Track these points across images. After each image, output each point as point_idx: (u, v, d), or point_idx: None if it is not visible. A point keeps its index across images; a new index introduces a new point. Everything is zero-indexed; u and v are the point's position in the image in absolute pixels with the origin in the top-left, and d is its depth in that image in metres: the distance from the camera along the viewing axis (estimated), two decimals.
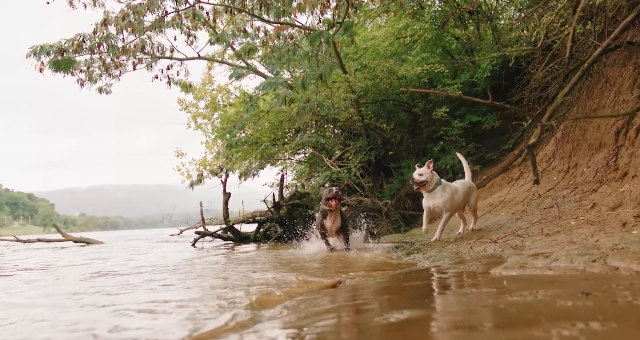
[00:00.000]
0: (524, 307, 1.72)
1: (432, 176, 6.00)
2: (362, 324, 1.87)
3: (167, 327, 2.11)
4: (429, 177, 5.96)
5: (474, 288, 2.36)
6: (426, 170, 5.98)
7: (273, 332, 1.95)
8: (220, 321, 2.13)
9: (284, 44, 10.24)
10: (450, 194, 5.98)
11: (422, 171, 5.99)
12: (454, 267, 3.50)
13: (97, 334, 2.04)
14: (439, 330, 1.59)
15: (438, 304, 2.17)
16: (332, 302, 2.56)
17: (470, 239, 5.49)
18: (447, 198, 5.95)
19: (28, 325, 2.36)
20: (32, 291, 3.83)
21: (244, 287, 3.20)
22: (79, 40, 8.77)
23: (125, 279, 4.26)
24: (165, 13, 9.28)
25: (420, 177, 5.95)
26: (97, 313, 2.58)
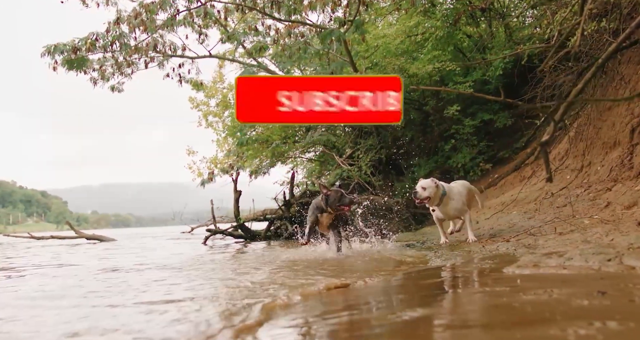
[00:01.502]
0: (539, 306, 1.71)
1: (437, 191, 5.57)
2: (375, 321, 1.87)
3: (203, 319, 2.12)
4: (433, 191, 5.53)
5: (487, 287, 2.35)
6: (430, 184, 5.55)
7: (285, 330, 1.95)
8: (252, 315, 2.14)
9: (294, 42, 10.25)
10: (459, 198, 5.68)
11: (426, 185, 5.55)
12: (467, 266, 3.48)
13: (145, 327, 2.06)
14: (452, 328, 1.58)
15: (451, 302, 2.16)
16: (344, 300, 2.56)
17: (482, 238, 5.46)
18: (458, 204, 5.64)
19: (93, 314, 2.39)
20: (72, 289, 3.86)
21: (257, 286, 3.21)
22: (92, 38, 8.85)
23: (147, 276, 4.30)
24: (177, 11, 9.33)
25: (423, 191, 5.51)
26: (139, 307, 2.60)
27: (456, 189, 5.85)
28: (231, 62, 14.80)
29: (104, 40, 8.97)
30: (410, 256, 4.73)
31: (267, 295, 2.76)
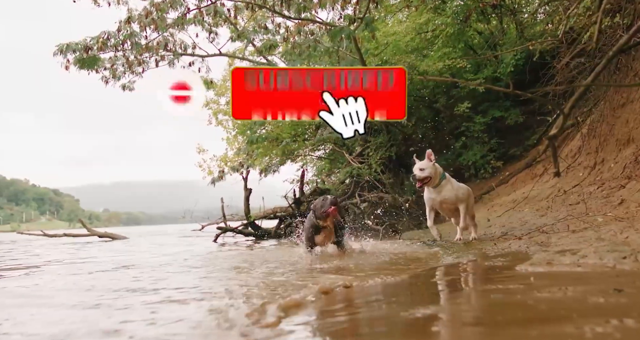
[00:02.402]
0: (554, 304, 1.70)
1: (436, 169, 5.18)
2: (387, 319, 1.87)
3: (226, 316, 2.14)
4: (432, 170, 5.13)
5: (500, 284, 2.33)
6: (427, 163, 5.16)
7: (303, 326, 1.96)
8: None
9: (304, 40, 10.23)
10: (457, 184, 5.30)
11: (424, 165, 5.16)
12: (479, 264, 3.47)
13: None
14: (465, 326, 1.57)
15: (464, 299, 2.15)
16: (356, 298, 2.56)
17: (494, 236, 5.43)
18: (458, 187, 5.23)
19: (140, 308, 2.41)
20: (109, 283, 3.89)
21: (272, 285, 3.22)
22: (104, 38, 8.92)
23: (165, 273, 4.34)
24: (188, 10, 9.35)
25: (422, 172, 5.11)
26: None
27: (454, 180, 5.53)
28: (241, 60, 14.82)
29: (115, 39, 9.03)
30: (421, 254, 4.71)
31: (283, 293, 2.76)
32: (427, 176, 5.11)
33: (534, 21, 11.62)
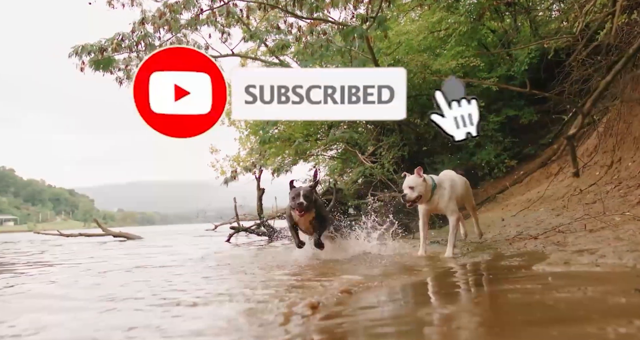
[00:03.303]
0: (574, 304, 1.68)
1: (426, 185, 4.82)
2: (404, 318, 1.86)
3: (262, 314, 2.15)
4: (422, 188, 4.76)
5: (518, 284, 2.31)
6: (417, 179, 4.77)
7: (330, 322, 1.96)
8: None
9: (317, 39, 10.23)
10: (449, 190, 4.91)
11: (413, 182, 4.75)
12: (495, 263, 3.44)
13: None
14: (484, 326, 1.56)
15: (481, 299, 2.13)
16: (379, 298, 2.55)
17: (509, 235, 5.38)
18: (448, 196, 4.86)
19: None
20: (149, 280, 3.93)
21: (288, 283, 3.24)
22: (118, 39, 8.99)
23: (185, 273, 4.38)
24: (201, 11, 9.39)
25: (412, 191, 4.72)
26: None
27: (448, 176, 5.19)
28: (253, 60, 14.86)
29: (130, 40, 9.10)
30: (435, 254, 4.68)
31: (304, 292, 2.76)
32: (418, 196, 4.75)
33: (549, 19, 11.50)
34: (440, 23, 11.71)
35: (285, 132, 13.25)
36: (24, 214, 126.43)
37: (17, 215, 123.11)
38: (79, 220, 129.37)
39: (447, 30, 11.58)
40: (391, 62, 11.89)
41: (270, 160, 13.25)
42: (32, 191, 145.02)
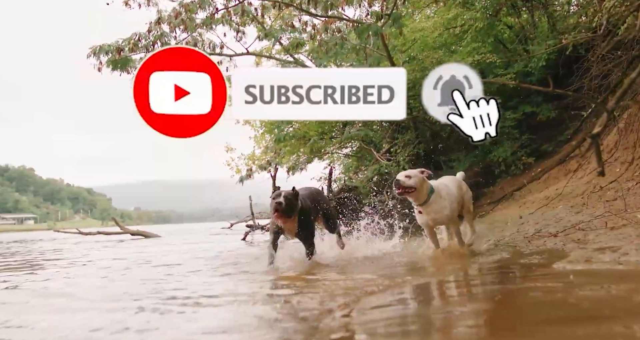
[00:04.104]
0: (598, 302, 1.65)
1: (424, 183, 4.55)
2: (426, 317, 1.85)
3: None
4: (419, 182, 4.49)
5: (539, 282, 2.29)
6: (417, 173, 4.56)
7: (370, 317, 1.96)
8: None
9: (331, 37, 10.22)
10: (449, 200, 4.68)
11: (412, 173, 4.55)
12: (514, 261, 3.40)
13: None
14: (506, 324, 1.54)
15: (502, 297, 2.11)
16: (394, 296, 2.54)
17: (527, 233, 5.31)
18: (448, 206, 4.61)
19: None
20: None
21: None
22: (135, 39, 9.09)
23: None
24: (216, 10, 9.45)
25: (407, 179, 4.46)
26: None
27: (445, 183, 4.98)
28: (268, 59, 14.90)
29: (146, 40, 9.19)
30: (454, 253, 4.63)
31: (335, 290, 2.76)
32: (412, 186, 4.47)
33: (567, 14, 11.33)
34: (456, 19, 11.61)
35: (300, 131, 13.27)
36: (43, 213, 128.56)
37: (37, 214, 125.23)
38: (96, 218, 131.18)
39: (463, 26, 11.47)
40: (406, 59, 11.83)
41: (286, 158, 13.29)
42: (51, 190, 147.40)
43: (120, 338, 1.93)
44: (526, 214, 7.10)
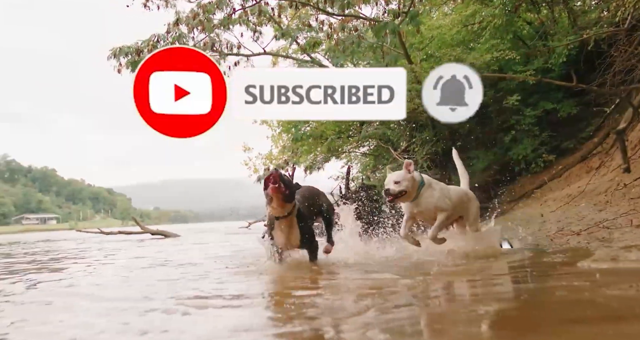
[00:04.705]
0: (627, 301, 1.62)
1: (414, 181, 4.39)
2: (450, 316, 1.84)
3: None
4: (410, 183, 4.34)
5: (564, 281, 2.25)
6: (404, 174, 4.35)
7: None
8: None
9: (348, 36, 10.21)
10: (440, 191, 4.52)
11: (399, 177, 4.35)
12: (538, 260, 3.35)
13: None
14: (534, 324, 1.52)
15: (528, 296, 2.08)
16: (416, 295, 2.53)
17: (549, 231, 5.24)
18: (438, 196, 4.47)
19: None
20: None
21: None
22: (154, 40, 9.20)
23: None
24: (233, 10, 9.52)
25: (397, 186, 4.30)
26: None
27: (442, 184, 4.77)
28: (285, 58, 14.95)
29: (165, 41, 9.30)
30: (476, 250, 4.58)
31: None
32: (403, 190, 4.32)
33: (588, 8, 11.13)
34: (474, 16, 11.50)
35: (317, 130, 13.28)
36: (65, 213, 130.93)
37: (59, 214, 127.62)
38: (117, 218, 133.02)
39: (481, 23, 11.36)
40: (423, 57, 11.76)
41: (303, 157, 13.32)
42: (73, 190, 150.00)
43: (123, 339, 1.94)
44: (547, 212, 7.00)
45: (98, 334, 2.02)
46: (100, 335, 2.00)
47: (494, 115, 11.93)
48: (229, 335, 1.83)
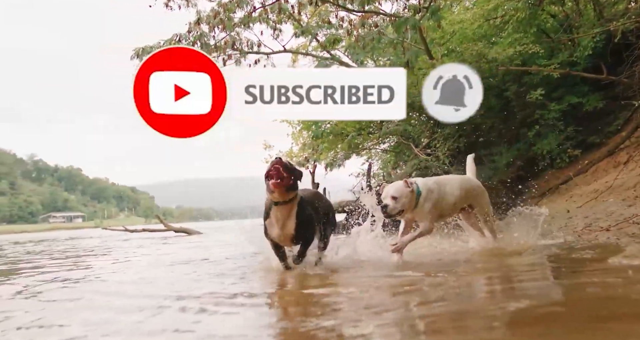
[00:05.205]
0: None
1: (412, 196, 4.12)
2: (479, 313, 1.82)
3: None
4: (408, 200, 4.07)
5: (595, 277, 2.21)
6: (403, 189, 4.08)
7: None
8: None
9: (368, 32, 10.17)
10: (433, 201, 4.24)
11: (398, 191, 4.07)
12: (566, 256, 3.29)
13: None
14: (567, 320, 1.49)
15: (558, 293, 2.05)
16: (445, 292, 2.51)
17: (576, 227, 5.14)
18: (429, 206, 4.20)
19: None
20: None
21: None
22: (176, 40, 9.30)
23: None
24: (253, 9, 9.57)
25: (395, 203, 4.02)
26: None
27: (441, 182, 4.53)
28: (304, 56, 14.95)
29: (186, 40, 9.40)
30: (503, 246, 4.51)
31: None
32: (401, 210, 4.06)
33: (615, 0, 10.87)
34: (496, 10, 11.33)
35: (338, 127, 13.26)
36: (90, 211, 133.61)
37: (84, 212, 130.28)
38: (140, 216, 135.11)
39: (504, 17, 11.19)
40: (444, 52, 11.64)
41: (323, 155, 13.32)
42: (98, 189, 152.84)
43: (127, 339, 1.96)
44: (574, 208, 6.88)
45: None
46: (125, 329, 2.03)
47: (517, 110, 11.74)
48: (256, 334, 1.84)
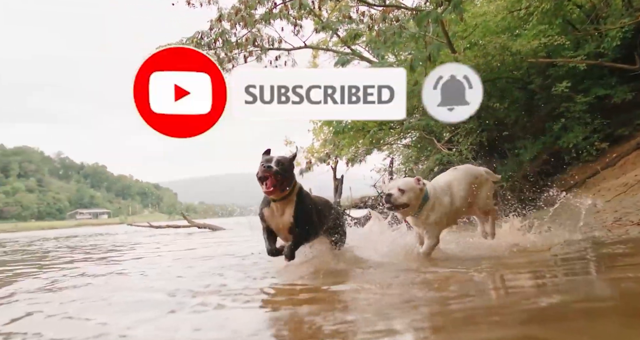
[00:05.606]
0: None
1: (419, 194, 3.91)
2: (511, 308, 1.80)
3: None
4: (414, 196, 3.88)
5: (629, 273, 2.16)
6: (413, 185, 3.91)
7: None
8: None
9: (389, 27, 10.10)
10: (445, 207, 4.06)
11: (407, 185, 3.91)
12: (596, 251, 3.23)
13: None
14: (602, 316, 1.47)
15: (590, 289, 2.01)
16: (477, 287, 2.49)
17: (605, 222, 5.04)
18: (441, 213, 4.02)
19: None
20: None
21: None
22: (198, 37, 9.40)
23: None
24: (274, 5, 9.60)
25: (400, 195, 3.85)
26: None
27: (448, 183, 4.27)
28: (325, 51, 14.93)
29: (208, 37, 9.48)
30: (530, 242, 4.45)
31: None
32: (405, 203, 3.87)
33: None
34: (520, 1, 11.12)
35: (359, 122, 13.21)
36: (115, 208, 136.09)
37: (110, 208, 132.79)
38: (164, 212, 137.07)
39: (528, 8, 10.97)
40: (467, 45, 11.48)
41: (345, 150, 13.31)
42: (122, 186, 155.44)
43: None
44: (602, 202, 6.74)
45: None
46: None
47: (541, 103, 11.54)
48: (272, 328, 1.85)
